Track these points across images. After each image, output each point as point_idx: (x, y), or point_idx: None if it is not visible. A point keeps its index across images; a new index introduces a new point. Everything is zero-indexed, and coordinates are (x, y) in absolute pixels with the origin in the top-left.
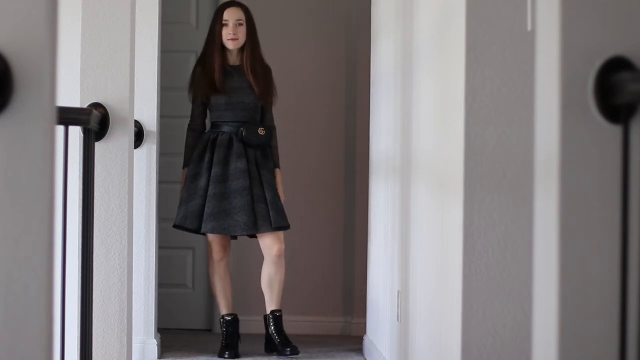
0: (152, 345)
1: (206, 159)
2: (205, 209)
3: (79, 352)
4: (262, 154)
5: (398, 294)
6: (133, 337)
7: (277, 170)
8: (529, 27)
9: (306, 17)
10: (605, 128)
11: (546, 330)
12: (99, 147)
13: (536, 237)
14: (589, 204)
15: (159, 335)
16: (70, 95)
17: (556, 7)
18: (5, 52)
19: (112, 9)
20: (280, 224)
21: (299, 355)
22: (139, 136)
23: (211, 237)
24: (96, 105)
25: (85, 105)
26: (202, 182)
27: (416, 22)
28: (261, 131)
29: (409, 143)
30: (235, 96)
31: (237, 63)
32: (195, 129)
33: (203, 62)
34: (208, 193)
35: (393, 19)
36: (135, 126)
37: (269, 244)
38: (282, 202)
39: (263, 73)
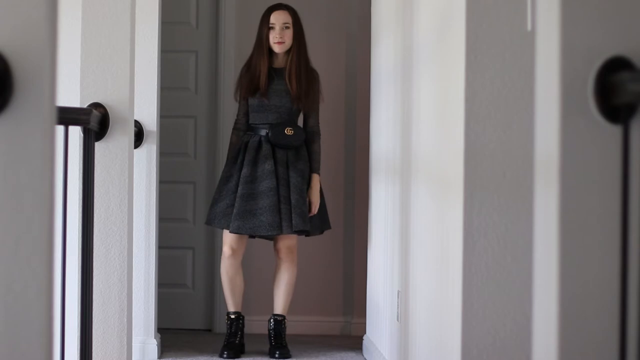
0: (152, 345)
1: (239, 160)
2: (234, 209)
3: (79, 352)
4: (295, 156)
5: (398, 294)
6: (133, 337)
7: (313, 175)
8: (529, 27)
9: (306, 17)
10: (605, 128)
11: (546, 330)
12: (99, 147)
13: (536, 237)
14: (589, 204)
15: (159, 335)
16: (70, 95)
17: (556, 7)
18: (5, 52)
19: (112, 9)
20: (300, 228)
21: (298, 356)
22: (139, 136)
23: (227, 233)
24: (96, 105)
25: (85, 105)
26: (232, 183)
27: (416, 22)
28: (288, 131)
29: (409, 143)
30: (271, 99)
31: (282, 66)
32: (240, 129)
33: (249, 64)
34: (237, 194)
35: (393, 19)
36: (135, 126)
37: (279, 247)
38: (316, 207)
39: (306, 77)
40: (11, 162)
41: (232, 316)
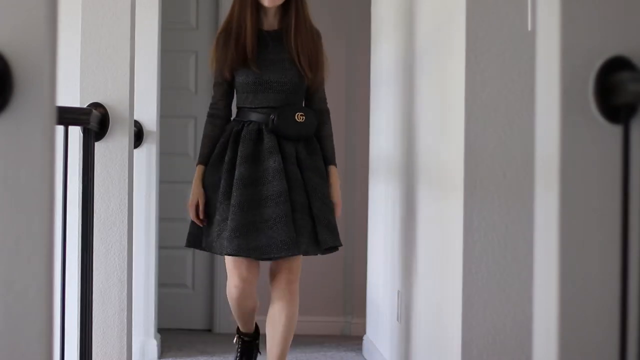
0: (152, 345)
1: (227, 158)
2: (229, 222)
3: (79, 352)
4: (308, 148)
5: (398, 294)
6: (133, 337)
7: (331, 168)
8: (529, 27)
9: None
10: (605, 128)
11: (546, 330)
12: (99, 147)
13: (536, 237)
14: (589, 204)
15: (159, 335)
16: (70, 95)
17: (556, 7)
18: (5, 52)
19: (112, 9)
20: (330, 244)
21: (298, 356)
22: (139, 136)
23: (231, 257)
24: (96, 105)
25: (85, 105)
26: (221, 189)
27: (416, 22)
28: (299, 117)
29: (409, 143)
30: (268, 73)
31: (275, 27)
32: (216, 115)
33: (228, 27)
34: (231, 202)
35: (393, 19)
36: (135, 126)
37: (279, 268)
38: (339, 209)
39: (312, 40)
40: (11, 162)
41: (246, 338)
